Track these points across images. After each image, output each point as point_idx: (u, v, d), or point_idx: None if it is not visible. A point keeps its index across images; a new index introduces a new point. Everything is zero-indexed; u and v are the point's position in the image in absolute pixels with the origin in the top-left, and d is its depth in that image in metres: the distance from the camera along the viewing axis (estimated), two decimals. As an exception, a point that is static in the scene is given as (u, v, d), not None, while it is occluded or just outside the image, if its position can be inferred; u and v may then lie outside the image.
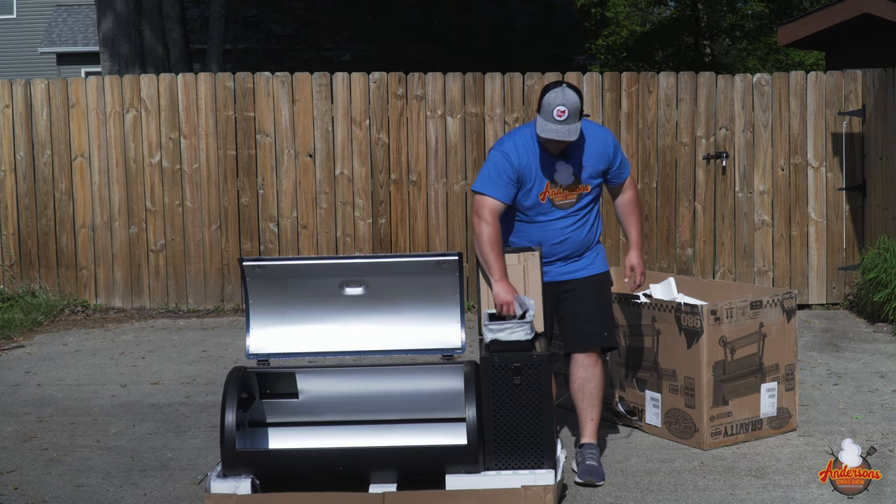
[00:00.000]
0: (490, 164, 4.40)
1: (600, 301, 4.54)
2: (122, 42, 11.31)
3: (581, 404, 4.52)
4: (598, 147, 4.46)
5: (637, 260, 4.69)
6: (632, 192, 4.69)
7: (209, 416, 5.43)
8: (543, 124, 4.28)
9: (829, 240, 8.48)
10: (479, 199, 4.38)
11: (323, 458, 4.05)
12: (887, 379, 6.06)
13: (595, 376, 4.49)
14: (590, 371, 4.48)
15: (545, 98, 4.28)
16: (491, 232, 4.32)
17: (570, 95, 4.26)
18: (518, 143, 4.40)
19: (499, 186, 4.36)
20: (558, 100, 4.24)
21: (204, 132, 8.43)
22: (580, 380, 4.50)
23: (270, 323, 4.36)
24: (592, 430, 4.51)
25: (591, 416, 4.51)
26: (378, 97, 8.43)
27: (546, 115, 4.26)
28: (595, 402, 4.50)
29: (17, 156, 8.48)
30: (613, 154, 4.51)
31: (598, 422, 4.55)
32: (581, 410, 4.53)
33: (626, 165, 4.62)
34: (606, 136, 4.54)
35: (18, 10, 24.27)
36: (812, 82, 8.46)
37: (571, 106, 4.24)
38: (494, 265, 4.29)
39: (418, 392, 4.30)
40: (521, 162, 4.37)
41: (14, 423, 5.36)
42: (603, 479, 4.33)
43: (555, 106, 4.24)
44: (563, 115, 4.23)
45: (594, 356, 4.48)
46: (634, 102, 8.40)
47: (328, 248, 8.45)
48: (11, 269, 8.53)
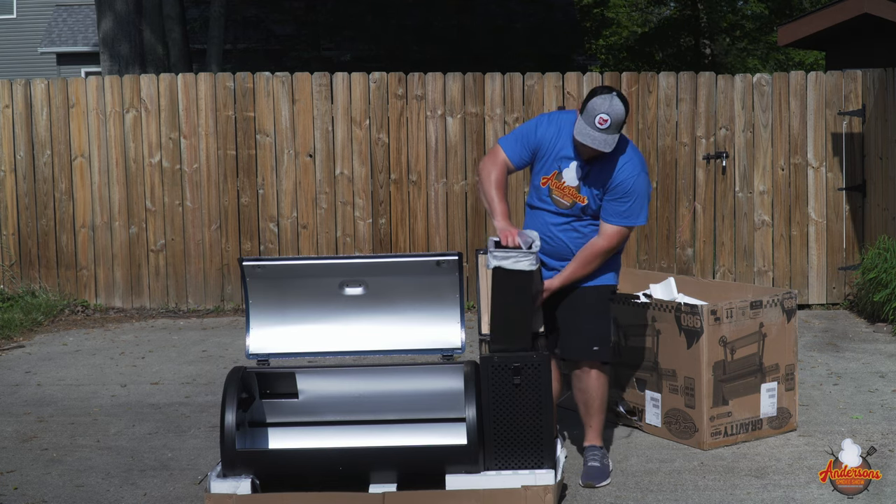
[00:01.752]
0: (523, 125, 4.47)
1: (592, 313, 4.42)
2: (121, 42, 11.31)
3: (580, 411, 4.54)
4: (615, 176, 4.27)
5: (555, 285, 4.36)
6: (603, 241, 4.32)
7: (209, 416, 5.43)
8: (582, 127, 4.17)
9: (829, 240, 8.48)
10: (495, 148, 4.46)
11: (323, 458, 4.05)
12: (887, 379, 6.06)
13: (589, 387, 4.45)
14: (583, 382, 4.47)
15: (591, 101, 4.15)
16: (496, 174, 4.33)
17: (616, 105, 4.13)
18: (555, 121, 4.38)
19: (515, 146, 4.40)
20: (604, 107, 4.12)
21: (204, 132, 8.43)
22: (576, 389, 4.52)
23: (270, 323, 4.36)
24: (593, 435, 4.50)
25: (589, 423, 4.50)
26: (378, 97, 8.43)
27: (588, 118, 4.14)
28: (592, 410, 4.48)
29: (17, 156, 8.48)
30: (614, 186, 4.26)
31: (601, 426, 4.53)
32: (581, 416, 4.55)
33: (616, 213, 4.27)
34: (623, 171, 4.26)
35: (18, 10, 24.27)
36: (812, 82, 8.46)
37: (615, 117, 4.12)
38: (497, 206, 4.27)
39: (418, 392, 4.30)
40: (544, 136, 4.35)
41: (14, 423, 5.36)
42: (605, 479, 4.33)
43: (599, 112, 4.12)
44: (604, 124, 4.11)
45: (586, 368, 4.44)
46: (634, 102, 8.39)
47: (328, 248, 8.45)
48: (11, 269, 8.53)
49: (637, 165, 4.30)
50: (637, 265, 8.37)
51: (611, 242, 4.33)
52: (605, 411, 4.54)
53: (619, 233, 4.32)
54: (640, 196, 4.29)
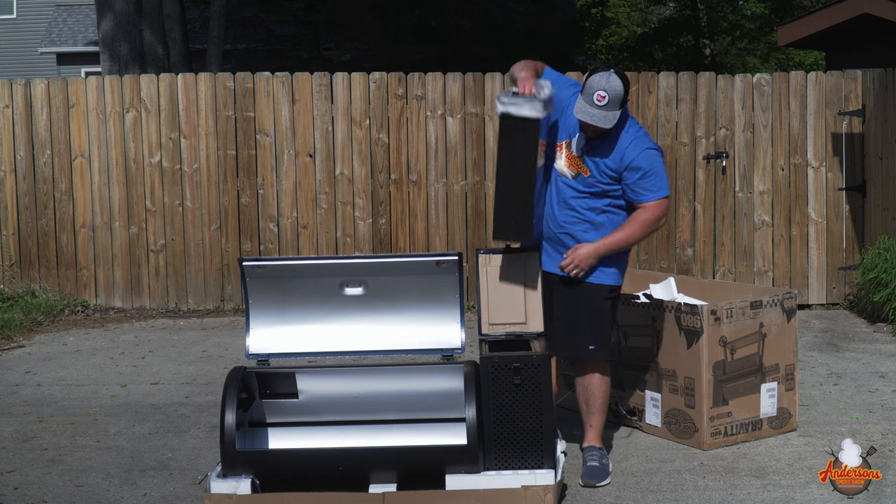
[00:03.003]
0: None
1: (591, 311, 4.40)
2: (121, 42, 11.32)
3: (581, 410, 4.55)
4: (618, 149, 4.30)
5: (584, 249, 4.33)
6: (647, 213, 4.33)
7: (209, 416, 5.43)
8: (582, 105, 4.21)
9: (829, 240, 8.48)
10: None
11: (323, 458, 4.04)
12: (887, 379, 6.06)
13: (590, 386, 4.47)
14: (584, 381, 4.49)
15: (590, 79, 4.21)
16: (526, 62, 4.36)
17: (614, 81, 4.18)
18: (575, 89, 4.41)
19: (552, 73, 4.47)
20: (601, 83, 4.17)
21: (204, 132, 8.43)
22: (578, 388, 4.53)
23: (270, 323, 4.36)
24: (593, 435, 4.52)
25: (589, 423, 4.52)
26: (378, 97, 8.43)
27: (587, 96, 4.19)
28: (593, 409, 4.49)
29: (17, 156, 8.48)
30: (627, 166, 4.28)
31: (601, 426, 4.53)
32: (582, 415, 4.56)
33: (644, 189, 4.30)
34: (633, 148, 4.29)
35: (18, 10, 24.28)
36: (812, 82, 8.46)
37: (613, 92, 4.16)
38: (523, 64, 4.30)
39: (418, 392, 4.30)
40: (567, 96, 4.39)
41: (14, 423, 5.36)
42: (604, 479, 4.34)
43: (596, 89, 4.17)
44: (602, 101, 4.16)
45: (587, 367, 4.45)
46: (634, 102, 8.39)
47: (328, 248, 8.45)
48: (11, 269, 8.53)
49: (645, 140, 4.34)
50: (637, 265, 8.37)
51: (654, 213, 4.32)
52: (605, 411, 4.55)
53: (659, 205, 4.32)
54: (659, 166, 4.32)
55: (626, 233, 4.34)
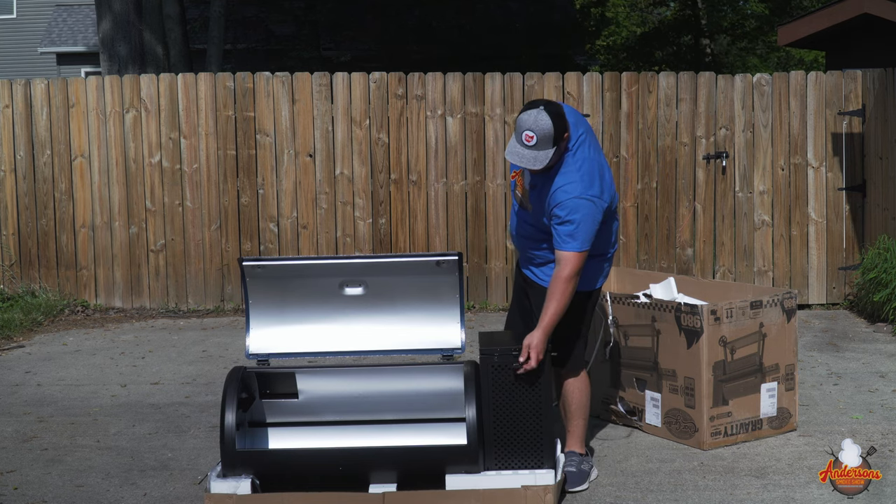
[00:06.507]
0: None
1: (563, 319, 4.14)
2: (121, 43, 11.32)
3: (561, 415, 4.48)
4: (551, 190, 4.06)
5: (536, 340, 3.97)
6: (560, 270, 4.00)
7: (209, 416, 5.43)
8: (512, 145, 4.02)
9: (829, 240, 8.48)
10: None
11: (323, 458, 4.05)
12: (887, 379, 6.06)
13: (566, 391, 4.39)
14: (562, 386, 4.42)
15: (519, 117, 3.99)
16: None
17: (542, 120, 3.93)
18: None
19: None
20: (529, 123, 3.95)
21: (204, 132, 8.43)
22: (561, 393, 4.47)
23: (270, 323, 4.36)
24: (572, 440, 4.41)
25: (568, 428, 4.44)
26: (378, 97, 8.43)
27: (517, 135, 3.99)
28: (569, 414, 4.41)
29: (17, 156, 8.48)
30: (552, 209, 4.03)
31: (581, 431, 4.42)
32: (562, 420, 4.48)
33: (559, 236, 4.00)
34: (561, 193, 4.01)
35: (18, 10, 24.28)
36: (812, 82, 8.46)
37: (541, 132, 3.92)
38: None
39: (418, 392, 4.30)
40: None
41: (14, 423, 5.36)
42: (580, 484, 4.25)
43: (524, 129, 3.95)
44: (531, 140, 3.94)
45: (561, 372, 4.38)
46: (634, 102, 8.39)
47: (328, 248, 8.45)
48: (11, 269, 8.53)
49: (578, 186, 4.01)
50: (637, 265, 8.38)
51: (564, 269, 4.00)
52: (585, 416, 4.43)
53: (572, 258, 3.99)
54: (584, 217, 3.98)
55: (554, 307, 4.01)
